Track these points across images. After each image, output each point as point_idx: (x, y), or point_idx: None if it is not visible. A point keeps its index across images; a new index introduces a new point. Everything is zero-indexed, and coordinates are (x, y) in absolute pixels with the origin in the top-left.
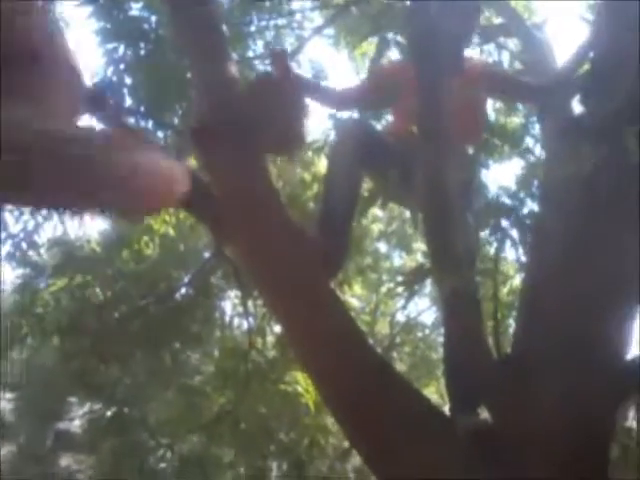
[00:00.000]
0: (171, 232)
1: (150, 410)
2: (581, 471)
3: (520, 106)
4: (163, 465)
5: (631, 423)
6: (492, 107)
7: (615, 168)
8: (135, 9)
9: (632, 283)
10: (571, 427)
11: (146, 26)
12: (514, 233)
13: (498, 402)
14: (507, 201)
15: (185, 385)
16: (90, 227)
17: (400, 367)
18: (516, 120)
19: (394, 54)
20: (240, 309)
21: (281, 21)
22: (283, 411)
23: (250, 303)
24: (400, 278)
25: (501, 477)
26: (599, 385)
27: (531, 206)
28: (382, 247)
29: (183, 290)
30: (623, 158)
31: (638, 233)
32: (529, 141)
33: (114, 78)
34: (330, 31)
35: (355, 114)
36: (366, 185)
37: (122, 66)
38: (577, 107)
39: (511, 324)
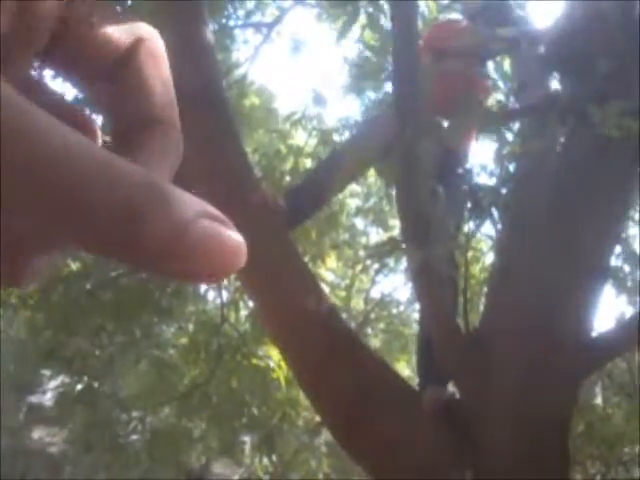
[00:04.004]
0: None
1: (121, 383)
2: (543, 442)
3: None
4: (134, 438)
5: (595, 400)
6: None
7: (587, 146)
8: None
9: (598, 262)
10: (534, 401)
11: None
12: (491, 211)
13: (464, 376)
14: (485, 179)
15: (157, 358)
16: None
17: (374, 343)
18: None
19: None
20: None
21: None
22: (255, 385)
23: None
24: (372, 247)
25: (466, 449)
26: (563, 361)
27: (507, 184)
28: (359, 223)
29: None
30: (595, 136)
31: (607, 212)
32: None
33: None
34: (312, 1)
35: None
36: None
37: None
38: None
39: (482, 301)
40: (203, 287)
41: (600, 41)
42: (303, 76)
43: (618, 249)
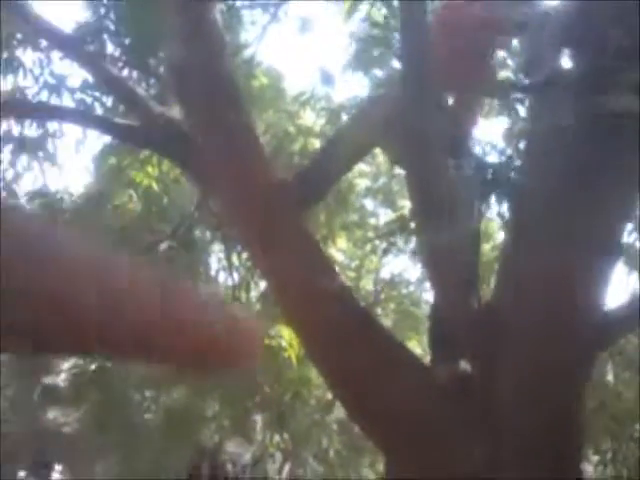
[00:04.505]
0: (154, 186)
1: (134, 364)
2: (557, 419)
3: (509, 60)
4: (148, 417)
5: (607, 377)
6: None
7: (596, 128)
8: None
9: (610, 239)
10: (547, 377)
11: None
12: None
13: (476, 351)
14: (494, 158)
15: None
16: (71, 180)
17: (385, 323)
18: (503, 74)
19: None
20: (224, 263)
21: None
22: (267, 364)
23: (235, 257)
24: (382, 231)
25: (479, 424)
26: (575, 337)
27: (516, 162)
28: (368, 204)
29: (165, 244)
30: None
31: (616, 197)
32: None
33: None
34: None
35: None
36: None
37: (102, 11)
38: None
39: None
40: (214, 268)
41: (614, 17)
42: (311, 55)
43: (630, 227)
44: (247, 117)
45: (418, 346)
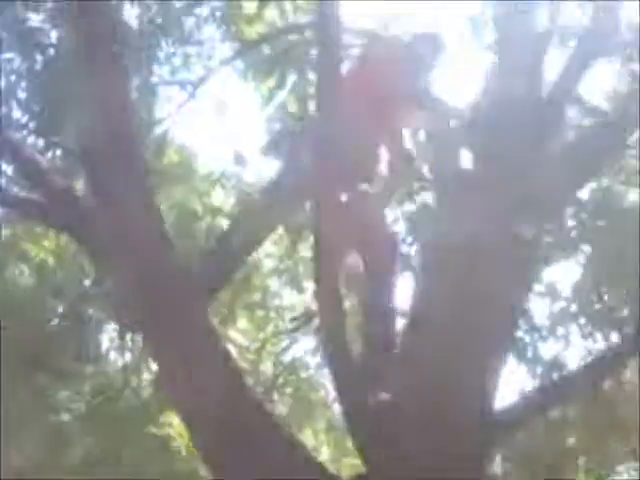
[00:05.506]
0: (49, 260)
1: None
2: None
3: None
4: None
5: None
6: None
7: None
8: (35, 21)
9: (501, 334)
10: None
11: (45, 39)
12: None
13: (371, 449)
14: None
15: (52, 424)
16: None
17: (281, 409)
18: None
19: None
20: (117, 343)
21: (190, 49)
22: (155, 455)
23: (128, 337)
24: (289, 321)
25: None
26: (466, 439)
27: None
28: (273, 284)
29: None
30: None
31: (510, 289)
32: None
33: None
34: (239, 64)
35: None
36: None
37: (13, 78)
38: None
39: None
40: (104, 347)
41: (513, 121)
42: (226, 136)
43: (520, 322)
44: (151, 197)
45: (313, 437)
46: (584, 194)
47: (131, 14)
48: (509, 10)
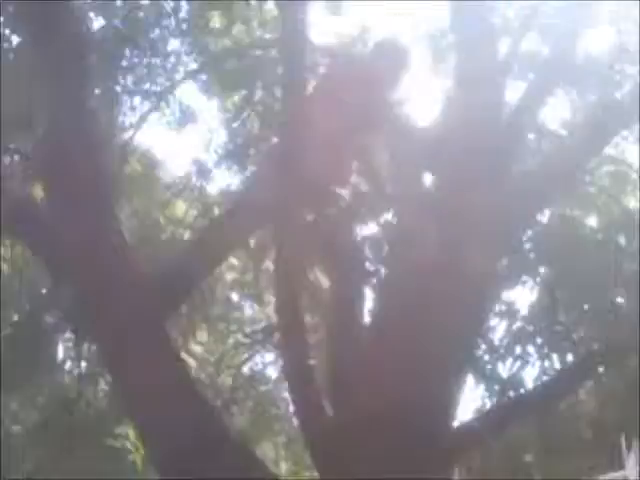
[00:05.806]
0: (4, 267)
1: None
2: None
3: None
4: None
5: None
6: None
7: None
8: None
9: (459, 353)
10: None
11: (5, 45)
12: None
13: (326, 467)
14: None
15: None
16: None
17: (240, 422)
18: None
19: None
20: (72, 353)
21: (154, 60)
22: (110, 468)
23: (85, 348)
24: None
25: None
26: (424, 455)
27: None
28: (234, 296)
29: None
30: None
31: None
32: None
33: None
34: (203, 77)
35: None
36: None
37: None
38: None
39: None
40: (59, 356)
41: (473, 146)
42: (189, 146)
43: (479, 340)
44: (110, 206)
45: (272, 449)
46: (542, 218)
47: (96, 24)
48: (471, 36)
